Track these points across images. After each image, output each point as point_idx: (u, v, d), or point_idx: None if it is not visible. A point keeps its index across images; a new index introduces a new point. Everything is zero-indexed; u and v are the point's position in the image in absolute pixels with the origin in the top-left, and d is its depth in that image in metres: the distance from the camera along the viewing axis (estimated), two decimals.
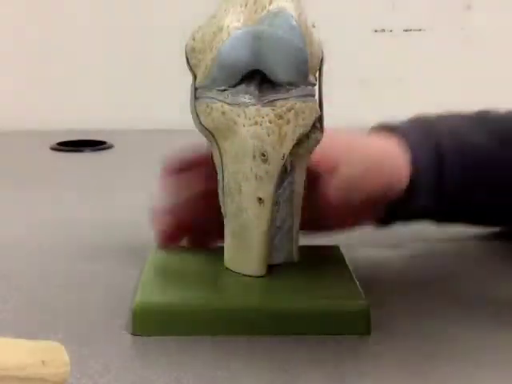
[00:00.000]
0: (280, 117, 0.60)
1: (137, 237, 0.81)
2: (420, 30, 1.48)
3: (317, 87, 0.63)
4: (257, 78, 0.60)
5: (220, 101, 0.61)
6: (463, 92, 1.47)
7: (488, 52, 1.47)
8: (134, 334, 0.58)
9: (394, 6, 1.47)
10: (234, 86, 0.61)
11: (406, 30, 1.49)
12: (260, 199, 0.62)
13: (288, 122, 0.60)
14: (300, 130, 0.61)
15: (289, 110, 0.60)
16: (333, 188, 0.68)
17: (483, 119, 0.77)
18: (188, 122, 0.65)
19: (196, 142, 0.68)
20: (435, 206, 0.73)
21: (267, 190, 0.61)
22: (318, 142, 0.63)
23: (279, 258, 0.65)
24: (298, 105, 0.61)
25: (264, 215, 0.62)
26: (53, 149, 1.28)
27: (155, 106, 1.47)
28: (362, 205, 0.70)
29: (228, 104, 0.61)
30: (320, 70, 0.63)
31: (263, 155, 0.60)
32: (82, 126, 1.42)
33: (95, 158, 1.25)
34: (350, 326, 0.59)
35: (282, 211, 0.64)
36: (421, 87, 1.47)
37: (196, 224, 0.71)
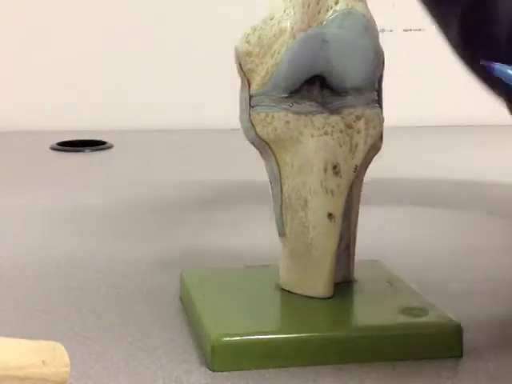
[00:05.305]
0: (350, 126, 0.56)
1: (137, 236, 0.82)
2: (420, 30, 1.48)
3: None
4: (317, 84, 0.56)
5: (283, 109, 0.56)
6: (463, 92, 1.47)
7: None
8: (212, 370, 0.53)
9: (394, 6, 1.47)
10: (296, 92, 0.56)
11: (406, 30, 1.49)
12: (330, 215, 0.57)
13: (358, 131, 0.56)
14: (371, 140, 0.57)
15: (358, 118, 0.56)
16: None
17: None
18: (187, 122, 0.63)
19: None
20: None
21: (338, 206, 0.57)
22: (378, 151, 0.59)
23: (337, 277, 0.60)
24: (368, 112, 0.57)
25: (334, 232, 0.57)
26: (53, 149, 1.28)
27: (155, 106, 1.47)
28: None
29: (293, 113, 0.56)
30: (381, 75, 0.59)
31: (335, 168, 0.56)
32: (82, 126, 1.42)
33: (95, 157, 1.25)
34: (440, 348, 0.54)
35: (341, 227, 0.59)
36: (421, 87, 1.47)
37: None
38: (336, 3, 0.56)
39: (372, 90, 0.58)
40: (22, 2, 1.48)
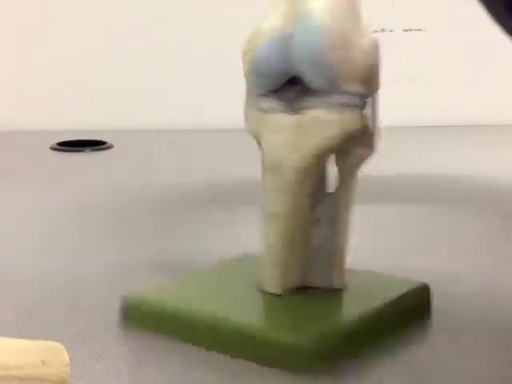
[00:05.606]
0: (300, 126, 0.56)
1: (136, 236, 0.82)
2: (420, 30, 1.48)
3: (369, 98, 0.57)
4: (300, 85, 0.56)
5: (255, 107, 0.58)
6: (463, 92, 1.47)
7: (487, 52, 1.47)
8: (124, 327, 0.58)
9: (394, 6, 1.47)
10: (275, 91, 0.57)
11: (406, 30, 1.49)
12: (274, 213, 0.57)
13: (307, 132, 0.55)
14: (324, 142, 0.56)
15: (312, 119, 0.56)
16: None
17: None
18: (187, 122, 0.64)
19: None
20: None
21: (282, 205, 0.57)
22: (362, 159, 0.57)
23: (315, 281, 0.60)
24: (324, 114, 0.55)
25: (278, 231, 0.57)
26: (53, 149, 1.28)
27: (155, 106, 1.47)
28: None
29: (260, 111, 0.57)
30: (372, 79, 0.57)
31: (276, 167, 0.56)
32: (82, 126, 1.42)
33: (95, 157, 1.25)
34: (283, 360, 0.52)
35: (322, 231, 0.59)
36: (421, 87, 1.47)
37: None
38: (303, 3, 0.56)
39: (340, 92, 0.56)
40: (22, 2, 1.48)
